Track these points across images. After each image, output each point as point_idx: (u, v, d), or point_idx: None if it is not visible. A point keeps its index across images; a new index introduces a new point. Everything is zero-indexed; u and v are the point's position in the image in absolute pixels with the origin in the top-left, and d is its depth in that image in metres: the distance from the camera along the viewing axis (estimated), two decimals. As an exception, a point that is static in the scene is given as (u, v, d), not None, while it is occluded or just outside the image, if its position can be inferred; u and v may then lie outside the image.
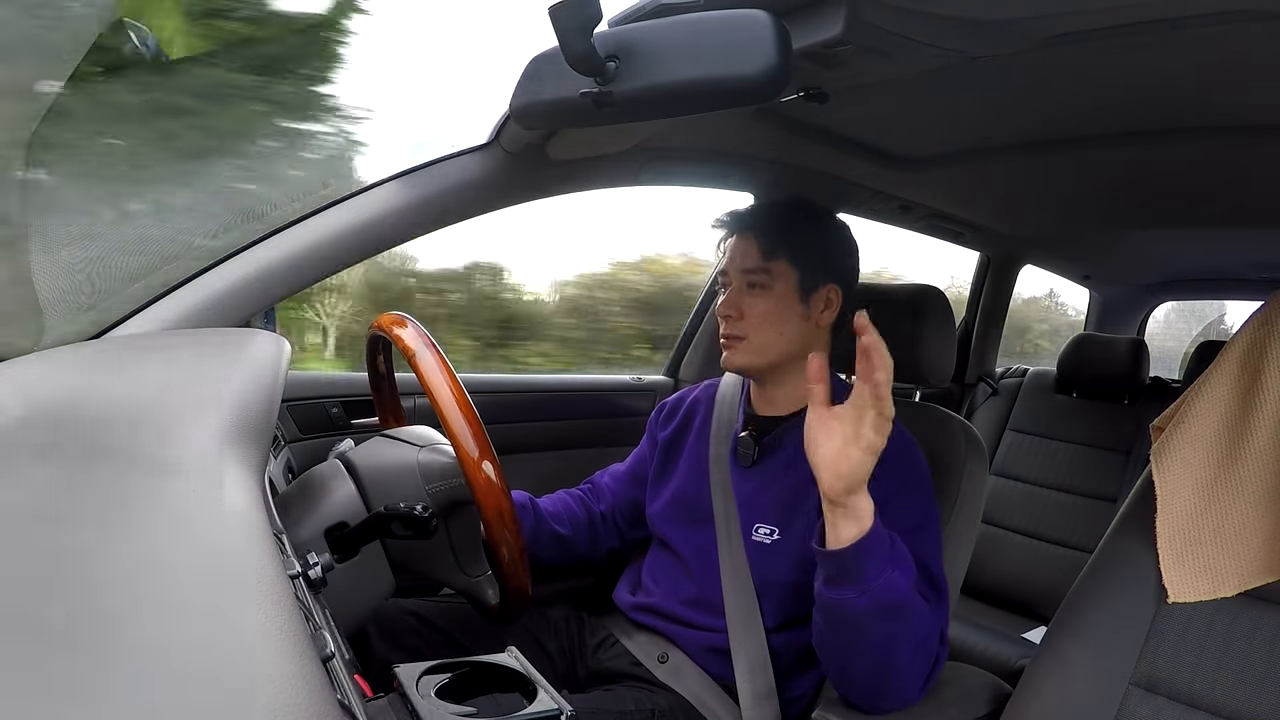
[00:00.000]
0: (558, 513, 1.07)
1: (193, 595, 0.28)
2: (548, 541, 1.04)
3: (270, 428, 0.50)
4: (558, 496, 1.11)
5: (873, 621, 0.71)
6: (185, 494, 0.36)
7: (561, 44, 0.59)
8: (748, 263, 0.94)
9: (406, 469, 0.84)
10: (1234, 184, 1.20)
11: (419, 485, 0.83)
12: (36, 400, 0.45)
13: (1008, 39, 0.70)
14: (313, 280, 0.95)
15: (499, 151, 1.00)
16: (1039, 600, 1.81)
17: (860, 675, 0.76)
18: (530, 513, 1.03)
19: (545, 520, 1.04)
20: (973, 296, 2.19)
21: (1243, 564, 0.75)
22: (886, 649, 0.73)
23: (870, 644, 0.73)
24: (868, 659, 0.74)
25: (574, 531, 1.07)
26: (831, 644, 0.76)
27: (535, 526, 1.03)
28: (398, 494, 0.82)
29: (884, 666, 0.74)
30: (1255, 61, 0.74)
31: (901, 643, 0.73)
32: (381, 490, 0.82)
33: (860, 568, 0.69)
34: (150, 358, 0.57)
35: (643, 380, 1.57)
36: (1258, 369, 0.79)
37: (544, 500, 1.08)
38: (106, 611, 0.26)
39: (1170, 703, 0.75)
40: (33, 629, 0.24)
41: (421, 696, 0.50)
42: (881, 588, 0.69)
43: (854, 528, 0.68)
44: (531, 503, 1.05)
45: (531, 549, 1.02)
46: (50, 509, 0.32)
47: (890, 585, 0.70)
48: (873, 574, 0.69)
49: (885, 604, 0.70)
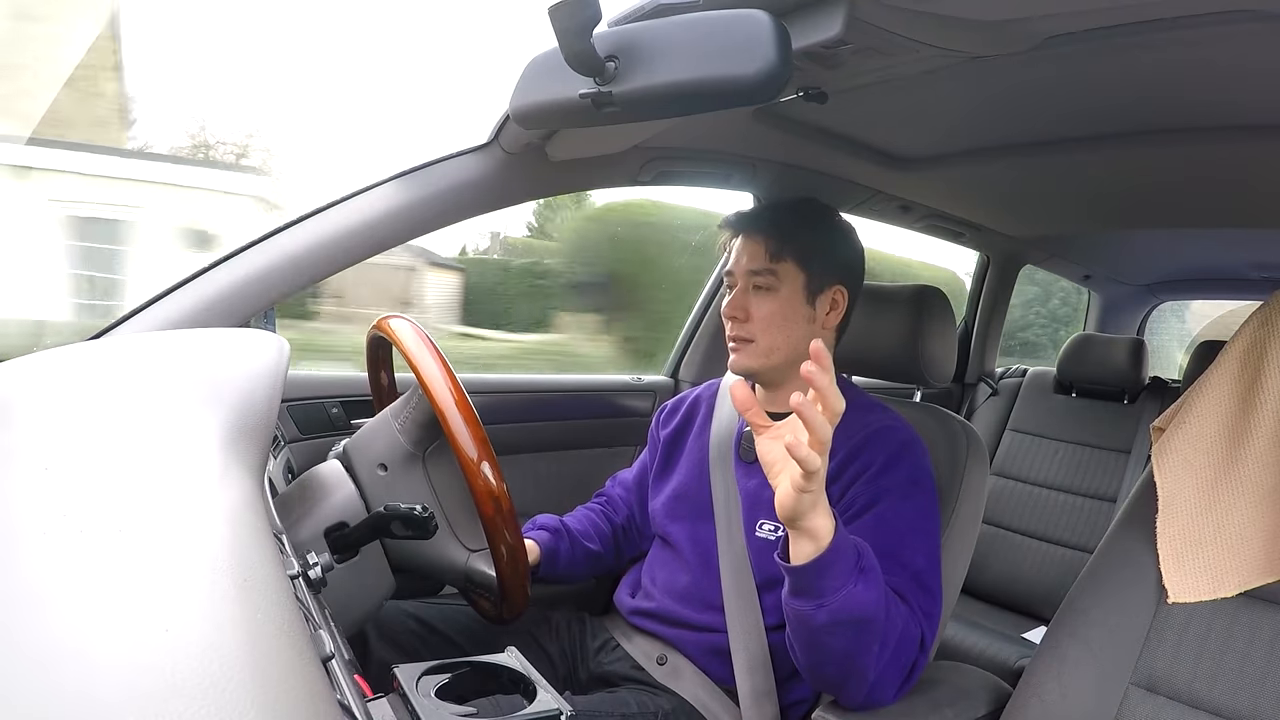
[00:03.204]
0: (586, 530, 1.08)
1: (192, 595, 0.28)
2: (583, 560, 1.05)
3: (270, 428, 0.50)
4: (580, 514, 1.12)
5: (833, 631, 0.71)
6: (185, 494, 0.36)
7: (561, 44, 0.59)
8: (754, 264, 0.94)
9: (379, 421, 0.88)
10: (1234, 184, 1.20)
11: (389, 427, 0.86)
12: (37, 400, 0.45)
13: (1008, 39, 0.70)
14: (313, 280, 0.96)
15: (498, 151, 1.00)
16: (1039, 600, 1.81)
17: (826, 675, 0.77)
18: (565, 536, 1.04)
19: (579, 541, 1.05)
20: (973, 296, 2.19)
21: (1243, 564, 0.75)
22: (850, 656, 0.73)
23: (832, 651, 0.73)
24: (833, 663, 0.75)
25: (603, 547, 1.09)
26: (798, 648, 0.76)
27: (571, 549, 1.04)
28: (375, 446, 0.85)
29: (849, 670, 0.75)
30: (1255, 61, 0.74)
31: (867, 650, 0.73)
32: (363, 453, 0.85)
33: (818, 584, 0.69)
34: (150, 358, 0.57)
35: (643, 380, 1.57)
36: (1258, 369, 0.79)
37: (569, 519, 1.09)
38: (106, 610, 0.26)
39: (1170, 703, 0.75)
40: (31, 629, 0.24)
41: (421, 697, 0.50)
42: (841, 602, 0.69)
43: (809, 546, 0.68)
44: (564, 525, 1.06)
45: (568, 573, 1.04)
46: (50, 509, 0.32)
47: (852, 599, 0.69)
48: (832, 589, 0.69)
49: (845, 618, 0.70)
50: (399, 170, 0.99)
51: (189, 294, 0.91)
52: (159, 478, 0.37)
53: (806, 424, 0.61)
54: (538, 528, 1.04)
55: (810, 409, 0.60)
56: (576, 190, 1.14)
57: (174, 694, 0.23)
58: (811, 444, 0.61)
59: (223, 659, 0.25)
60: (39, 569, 0.27)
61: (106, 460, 0.38)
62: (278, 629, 0.29)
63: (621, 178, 1.16)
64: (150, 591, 0.28)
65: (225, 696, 0.24)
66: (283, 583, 0.35)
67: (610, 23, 0.69)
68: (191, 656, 0.25)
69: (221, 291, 0.91)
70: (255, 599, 0.30)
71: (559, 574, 1.03)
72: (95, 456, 0.38)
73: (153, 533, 0.32)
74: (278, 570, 0.35)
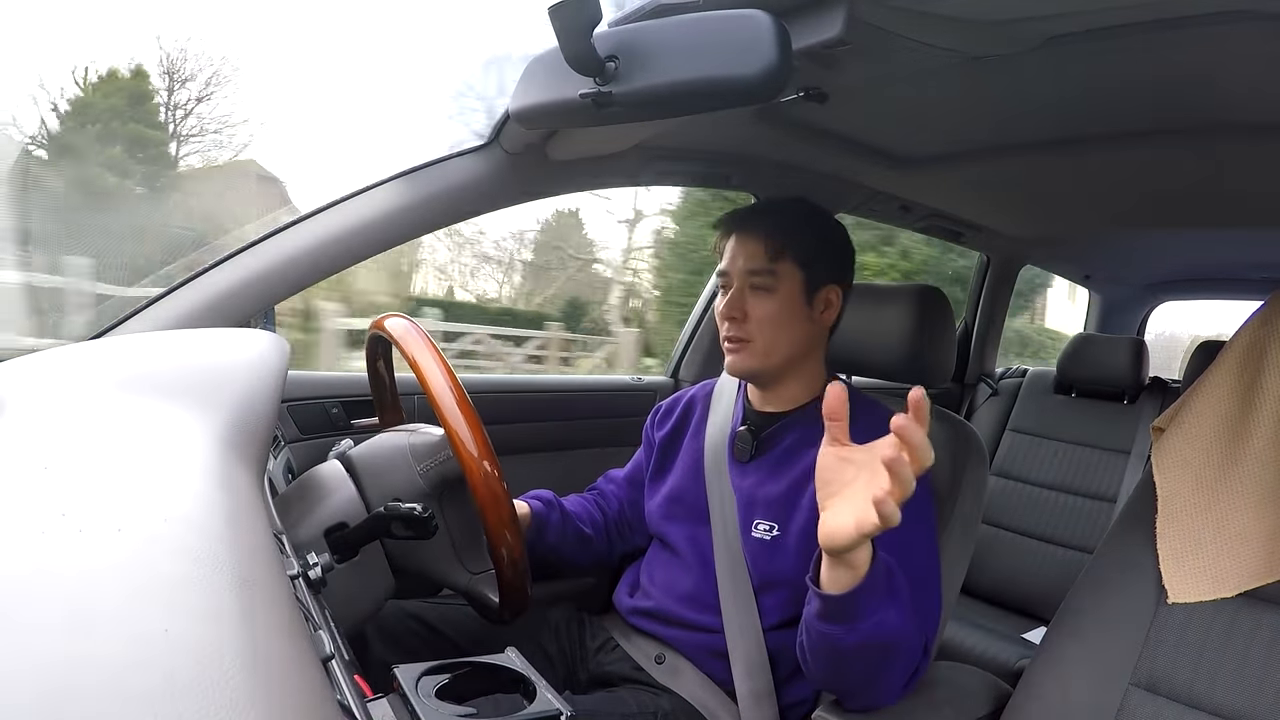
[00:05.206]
0: (579, 513, 1.07)
1: (191, 595, 0.28)
2: (573, 539, 1.04)
3: (270, 428, 0.50)
4: (574, 499, 1.11)
5: (860, 653, 0.70)
6: (185, 494, 0.36)
7: (561, 44, 0.59)
8: (752, 264, 0.94)
9: (398, 453, 0.85)
10: (1234, 184, 1.20)
11: (410, 467, 0.84)
12: (36, 399, 0.45)
13: (1008, 39, 0.70)
14: (313, 280, 0.96)
15: (499, 151, 1.00)
16: (1039, 600, 1.81)
17: (840, 686, 0.77)
18: (557, 510, 1.03)
19: (571, 519, 1.05)
20: (973, 296, 2.19)
21: (1243, 564, 0.75)
22: (871, 673, 0.73)
23: (855, 670, 0.73)
24: (852, 679, 0.75)
25: (595, 532, 1.08)
26: (817, 665, 0.76)
27: (562, 524, 1.03)
28: (390, 479, 0.83)
29: (865, 683, 0.75)
30: (1255, 61, 0.74)
31: (887, 669, 0.73)
32: (375, 479, 0.83)
33: (851, 610, 0.68)
34: (150, 358, 0.57)
35: (643, 381, 1.57)
36: (1258, 369, 0.79)
37: (565, 501, 1.08)
38: (105, 610, 0.26)
39: (1170, 703, 0.75)
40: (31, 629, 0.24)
41: (421, 697, 0.50)
42: (872, 628, 0.68)
43: (847, 576, 0.67)
44: (557, 501, 1.05)
45: (557, 546, 1.03)
46: (49, 508, 0.32)
47: (881, 624, 0.68)
48: (864, 615, 0.68)
49: (874, 642, 0.69)
50: (399, 170, 0.99)
51: (189, 294, 0.91)
52: (159, 477, 0.37)
53: (894, 478, 0.57)
54: (532, 496, 1.04)
55: (904, 464, 0.57)
56: (577, 190, 1.15)
57: (173, 694, 0.23)
58: (894, 496, 0.58)
59: (222, 659, 0.25)
60: (38, 568, 0.27)
61: (106, 460, 0.38)
62: (278, 629, 0.29)
63: (622, 178, 1.16)
64: (149, 591, 0.28)
65: (225, 697, 0.24)
66: (283, 583, 0.35)
67: (610, 23, 0.69)
68: (191, 657, 0.25)
69: (221, 291, 0.91)
70: (255, 599, 0.30)
71: (546, 544, 1.01)
72: (95, 456, 0.38)
73: (152, 533, 0.32)
74: (278, 570, 0.35)
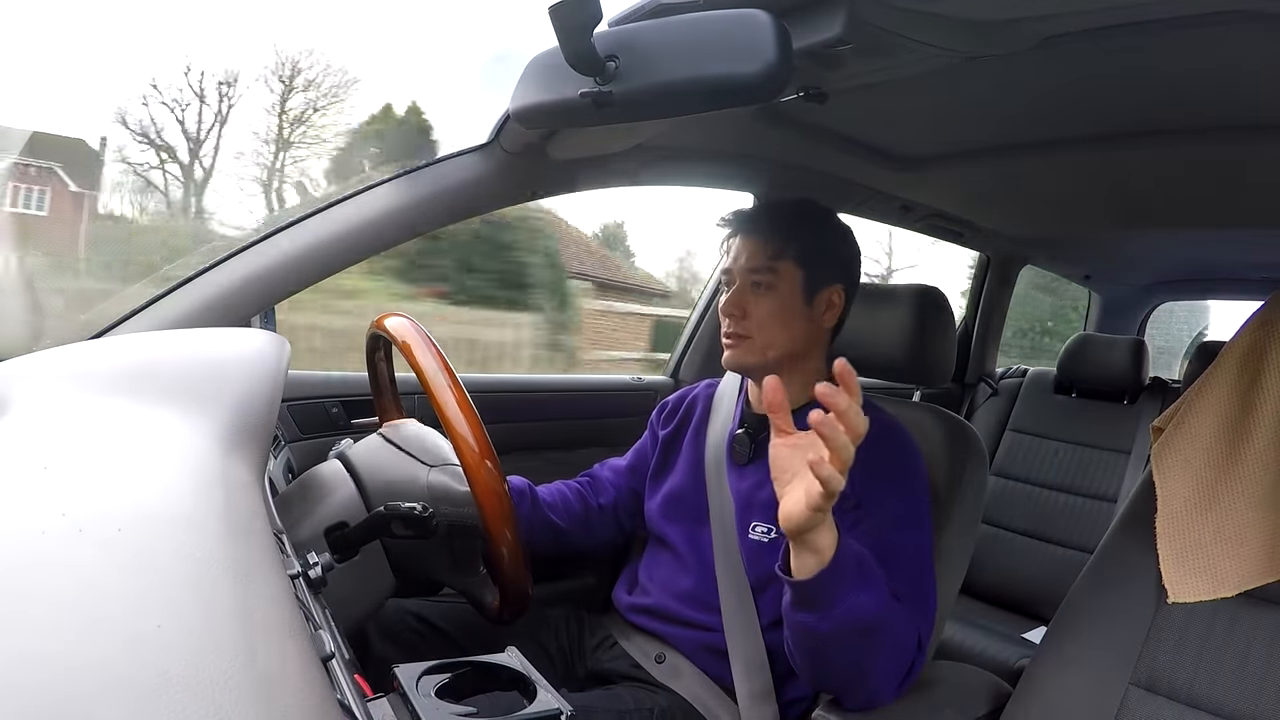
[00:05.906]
0: (554, 503, 1.06)
1: (191, 594, 0.28)
2: (541, 528, 1.03)
3: (270, 428, 0.50)
4: (554, 488, 1.10)
5: (837, 640, 0.71)
6: (185, 493, 0.36)
7: (561, 44, 0.59)
8: (754, 262, 0.94)
9: (416, 489, 0.83)
10: (1234, 184, 1.20)
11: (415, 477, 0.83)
12: (36, 399, 0.45)
13: (1007, 39, 0.70)
14: (313, 280, 0.96)
15: (499, 151, 1.00)
16: (1039, 600, 1.81)
17: (828, 681, 0.78)
18: (527, 498, 1.03)
19: (541, 508, 1.04)
20: (973, 296, 2.19)
21: (1243, 564, 0.75)
22: (853, 663, 0.73)
23: (836, 659, 0.73)
24: (836, 670, 0.75)
25: (569, 523, 1.07)
26: (800, 656, 0.76)
27: (530, 513, 1.02)
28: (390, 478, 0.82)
29: (852, 676, 0.75)
30: (1255, 61, 0.74)
31: (870, 657, 0.73)
32: (375, 478, 0.82)
33: (822, 596, 0.69)
34: (150, 357, 0.57)
35: (643, 381, 1.57)
36: (1257, 370, 0.79)
37: (541, 489, 1.07)
38: (105, 610, 0.26)
39: (1170, 703, 0.75)
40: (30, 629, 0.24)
41: (421, 696, 0.50)
42: (844, 612, 0.69)
43: (812, 560, 0.68)
44: (530, 489, 1.04)
45: (525, 535, 1.02)
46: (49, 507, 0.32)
47: (855, 609, 0.69)
48: (835, 600, 0.69)
49: (849, 628, 0.70)
50: (399, 170, 0.99)
51: (189, 294, 0.91)
52: (158, 477, 0.37)
53: (829, 444, 0.59)
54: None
55: (833, 429, 0.59)
56: (577, 190, 1.14)
57: (173, 693, 0.23)
58: (834, 463, 0.60)
59: (222, 658, 0.25)
60: (38, 568, 0.27)
61: (106, 459, 0.38)
62: (278, 628, 0.29)
63: (622, 177, 1.16)
64: (149, 591, 0.28)
65: (225, 695, 0.24)
66: (283, 582, 0.35)
67: (610, 22, 0.69)
68: (191, 655, 0.25)
69: (222, 291, 0.91)
70: (255, 598, 0.30)
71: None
72: (94, 455, 0.38)
73: (152, 532, 0.32)
74: (278, 570, 0.35)
